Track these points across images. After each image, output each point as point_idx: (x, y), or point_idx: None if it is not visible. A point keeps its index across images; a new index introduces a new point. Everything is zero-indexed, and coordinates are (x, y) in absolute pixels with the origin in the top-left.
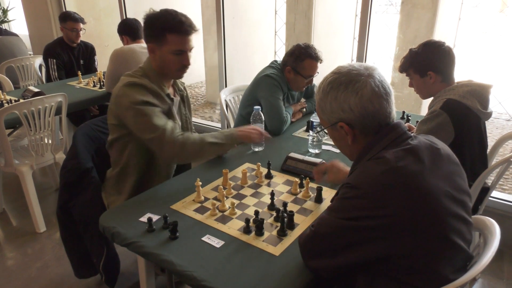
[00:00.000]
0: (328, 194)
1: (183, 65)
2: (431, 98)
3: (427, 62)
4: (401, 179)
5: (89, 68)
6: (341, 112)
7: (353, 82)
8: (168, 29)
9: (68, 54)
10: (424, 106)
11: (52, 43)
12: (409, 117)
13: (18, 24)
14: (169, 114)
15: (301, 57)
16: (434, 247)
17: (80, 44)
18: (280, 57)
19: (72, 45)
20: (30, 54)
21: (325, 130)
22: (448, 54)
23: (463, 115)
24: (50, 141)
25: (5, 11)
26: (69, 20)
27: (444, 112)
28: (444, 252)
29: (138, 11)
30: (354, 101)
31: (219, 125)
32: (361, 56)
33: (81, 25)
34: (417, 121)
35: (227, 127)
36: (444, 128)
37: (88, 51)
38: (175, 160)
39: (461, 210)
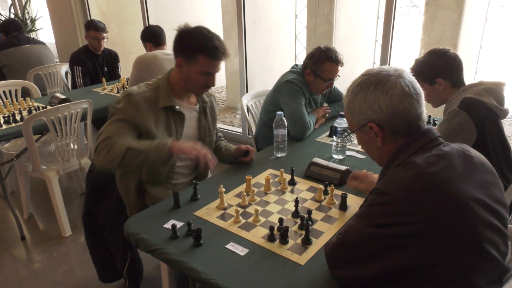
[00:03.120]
0: (353, 201)
1: (208, 85)
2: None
3: (434, 69)
4: (432, 185)
5: (113, 74)
6: (371, 112)
7: (383, 82)
8: (201, 51)
9: (92, 61)
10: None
11: (78, 51)
12: (436, 121)
13: (45, 33)
14: (167, 126)
15: (321, 60)
16: (467, 257)
17: (104, 51)
18: (300, 61)
19: (97, 53)
20: (56, 62)
21: (352, 134)
22: (455, 60)
23: (482, 112)
24: (75, 147)
25: (33, 21)
26: (92, 29)
27: (462, 111)
28: (477, 262)
29: (160, 18)
30: (384, 100)
31: (240, 129)
32: (385, 59)
33: (104, 34)
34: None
35: (249, 132)
36: (465, 127)
37: (112, 58)
38: (99, 163)
39: (495, 220)
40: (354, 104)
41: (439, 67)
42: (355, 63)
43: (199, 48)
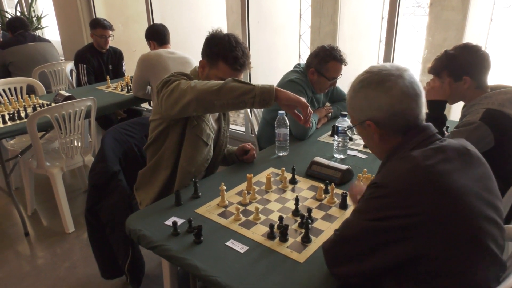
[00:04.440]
0: None
1: None
2: (461, 104)
3: (464, 66)
4: (428, 178)
5: (118, 72)
6: (370, 110)
7: (384, 81)
8: (222, 58)
9: (97, 59)
10: (454, 111)
11: (83, 49)
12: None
13: (51, 31)
14: (204, 120)
15: (326, 59)
16: (464, 249)
17: (109, 49)
18: (304, 60)
19: (101, 51)
20: (61, 60)
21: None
22: (486, 60)
23: (504, 125)
24: (79, 144)
25: (39, 18)
26: (99, 27)
27: (484, 124)
28: (475, 254)
29: (165, 17)
30: (384, 100)
31: (243, 128)
32: (388, 59)
33: (110, 32)
34: (447, 127)
35: (251, 131)
36: (485, 140)
37: (116, 56)
38: (190, 96)
39: (493, 213)
40: (355, 101)
41: (470, 64)
42: (359, 63)
43: (220, 55)
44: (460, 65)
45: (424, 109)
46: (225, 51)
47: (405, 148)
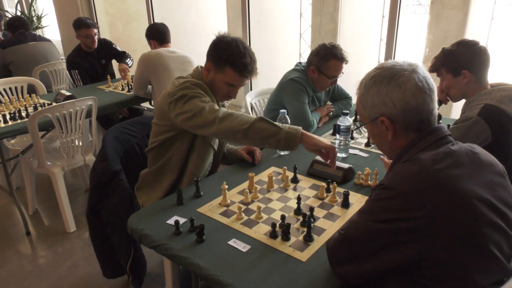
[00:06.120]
0: (356, 199)
1: (229, 96)
2: (463, 101)
3: (461, 60)
4: (436, 182)
5: (118, 57)
6: (383, 106)
7: (396, 76)
8: (230, 64)
9: (88, 61)
10: (455, 109)
11: (72, 54)
12: (440, 121)
13: (51, 30)
14: None
15: (327, 57)
16: (468, 255)
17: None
18: (305, 59)
19: (90, 51)
20: (62, 59)
21: (363, 128)
22: (484, 54)
23: (502, 121)
24: (80, 143)
25: (39, 18)
26: (83, 27)
27: (481, 120)
28: (479, 261)
29: (165, 16)
30: (397, 95)
31: None
32: (389, 57)
33: (95, 30)
34: (448, 125)
35: None
36: (482, 135)
37: (103, 46)
38: (216, 129)
39: (500, 220)
40: (367, 98)
41: (467, 58)
42: (359, 62)
43: (229, 61)
44: (456, 60)
45: (437, 106)
46: (234, 58)
47: (415, 149)
